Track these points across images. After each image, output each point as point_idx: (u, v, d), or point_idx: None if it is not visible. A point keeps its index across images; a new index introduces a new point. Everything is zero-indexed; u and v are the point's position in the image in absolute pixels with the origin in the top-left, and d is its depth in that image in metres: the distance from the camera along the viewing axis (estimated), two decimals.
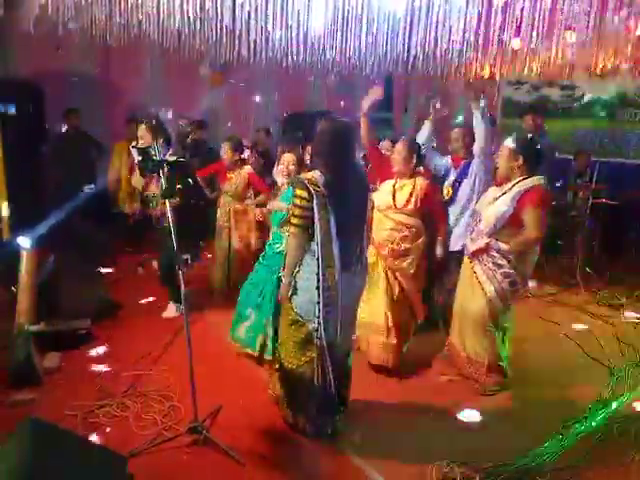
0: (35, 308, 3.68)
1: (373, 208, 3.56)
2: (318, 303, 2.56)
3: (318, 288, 2.55)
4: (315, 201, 2.49)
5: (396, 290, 3.48)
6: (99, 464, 2.16)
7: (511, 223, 3.09)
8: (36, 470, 1.87)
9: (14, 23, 4.19)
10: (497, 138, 4.64)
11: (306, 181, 2.52)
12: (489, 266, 3.15)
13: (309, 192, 2.49)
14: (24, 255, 3.67)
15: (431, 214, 3.63)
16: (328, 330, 2.60)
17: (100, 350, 3.64)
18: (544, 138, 4.89)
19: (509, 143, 3.18)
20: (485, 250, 3.16)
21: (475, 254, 3.21)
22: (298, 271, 2.63)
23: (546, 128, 5.37)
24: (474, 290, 3.24)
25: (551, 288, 5.20)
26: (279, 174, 3.76)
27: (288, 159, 3.70)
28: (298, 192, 2.53)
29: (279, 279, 2.84)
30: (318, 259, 2.54)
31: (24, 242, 3.62)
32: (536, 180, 3.10)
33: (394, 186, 3.56)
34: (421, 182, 3.54)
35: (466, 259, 3.34)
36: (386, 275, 3.49)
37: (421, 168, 3.71)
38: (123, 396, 3.05)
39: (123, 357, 3.52)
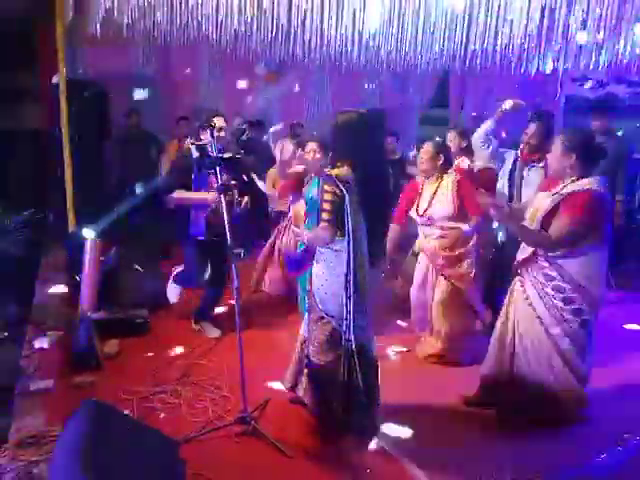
0: (97, 297, 3.88)
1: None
2: (347, 305, 2.52)
3: (347, 289, 2.50)
4: (347, 199, 2.45)
5: (451, 295, 3.43)
6: (154, 447, 2.24)
7: (569, 232, 2.60)
8: (94, 449, 1.95)
9: (81, 25, 4.40)
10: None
11: (335, 178, 2.48)
12: (538, 279, 2.69)
13: (340, 189, 2.45)
14: (88, 246, 3.87)
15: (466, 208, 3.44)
16: (357, 332, 2.56)
17: (156, 339, 3.77)
18: (612, 138, 4.59)
19: (561, 138, 2.74)
20: (532, 260, 2.72)
21: (522, 264, 2.77)
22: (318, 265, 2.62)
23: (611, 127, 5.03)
24: (526, 313, 2.76)
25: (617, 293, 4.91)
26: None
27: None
28: (328, 187, 2.49)
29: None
30: (349, 259, 2.48)
31: (88, 233, 3.81)
32: (588, 183, 2.62)
33: (420, 193, 3.49)
34: (450, 179, 3.43)
35: (517, 278, 2.84)
36: (438, 281, 3.46)
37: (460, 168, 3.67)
38: (176, 384, 3.15)
39: (177, 346, 3.63)
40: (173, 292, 4.04)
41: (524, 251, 2.78)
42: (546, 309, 2.69)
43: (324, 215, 2.52)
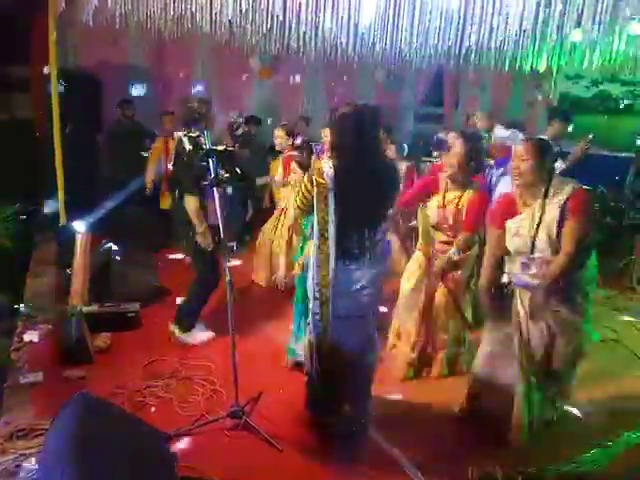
0: (88, 290, 3.85)
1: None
2: (312, 299, 2.55)
3: (313, 279, 2.53)
4: (315, 193, 2.45)
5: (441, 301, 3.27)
6: (145, 440, 2.23)
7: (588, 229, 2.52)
8: (84, 441, 1.94)
9: (73, 15, 4.35)
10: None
11: (314, 172, 2.48)
12: (552, 302, 2.57)
13: (312, 183, 2.46)
14: (79, 239, 3.84)
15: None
16: (318, 326, 2.57)
17: (147, 333, 3.74)
18: None
19: (531, 145, 2.54)
20: (553, 290, 2.56)
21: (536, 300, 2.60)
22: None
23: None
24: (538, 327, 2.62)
25: (606, 291, 4.94)
26: None
27: None
28: (305, 180, 2.54)
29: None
30: (315, 253, 2.51)
31: (79, 227, 3.78)
32: (574, 184, 2.52)
33: (444, 198, 3.18)
34: (470, 195, 3.14)
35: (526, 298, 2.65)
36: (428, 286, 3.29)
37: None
38: (168, 378, 3.13)
39: (169, 341, 3.61)
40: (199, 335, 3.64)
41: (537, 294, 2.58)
42: (556, 323, 2.59)
43: (296, 199, 2.62)
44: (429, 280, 3.29)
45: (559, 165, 3.54)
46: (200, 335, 3.63)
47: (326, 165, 2.46)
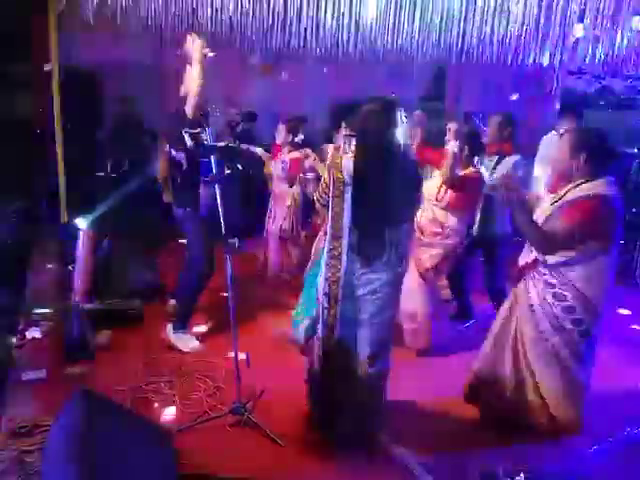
0: (90, 287, 3.86)
1: None
2: (323, 292, 2.52)
3: (323, 276, 2.51)
4: (331, 188, 2.43)
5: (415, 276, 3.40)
6: (147, 437, 2.24)
7: (565, 237, 2.43)
8: (87, 438, 1.94)
9: (74, 12, 4.35)
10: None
11: (332, 166, 2.47)
12: (538, 286, 2.57)
13: (331, 178, 2.45)
14: (81, 236, 3.85)
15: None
16: (325, 325, 2.52)
17: (149, 330, 3.75)
18: None
19: (568, 137, 2.52)
20: (534, 266, 2.60)
21: (524, 270, 2.66)
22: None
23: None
24: (527, 318, 2.63)
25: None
26: None
27: None
28: (325, 175, 2.55)
29: None
30: (325, 249, 2.50)
31: (81, 223, 3.79)
32: (595, 187, 2.42)
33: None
34: (468, 172, 3.39)
35: (522, 283, 2.70)
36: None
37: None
38: (170, 375, 3.13)
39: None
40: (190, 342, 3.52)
41: (526, 256, 2.66)
42: (545, 317, 2.55)
43: (316, 194, 2.61)
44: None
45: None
46: (190, 343, 3.51)
47: (345, 160, 2.42)
